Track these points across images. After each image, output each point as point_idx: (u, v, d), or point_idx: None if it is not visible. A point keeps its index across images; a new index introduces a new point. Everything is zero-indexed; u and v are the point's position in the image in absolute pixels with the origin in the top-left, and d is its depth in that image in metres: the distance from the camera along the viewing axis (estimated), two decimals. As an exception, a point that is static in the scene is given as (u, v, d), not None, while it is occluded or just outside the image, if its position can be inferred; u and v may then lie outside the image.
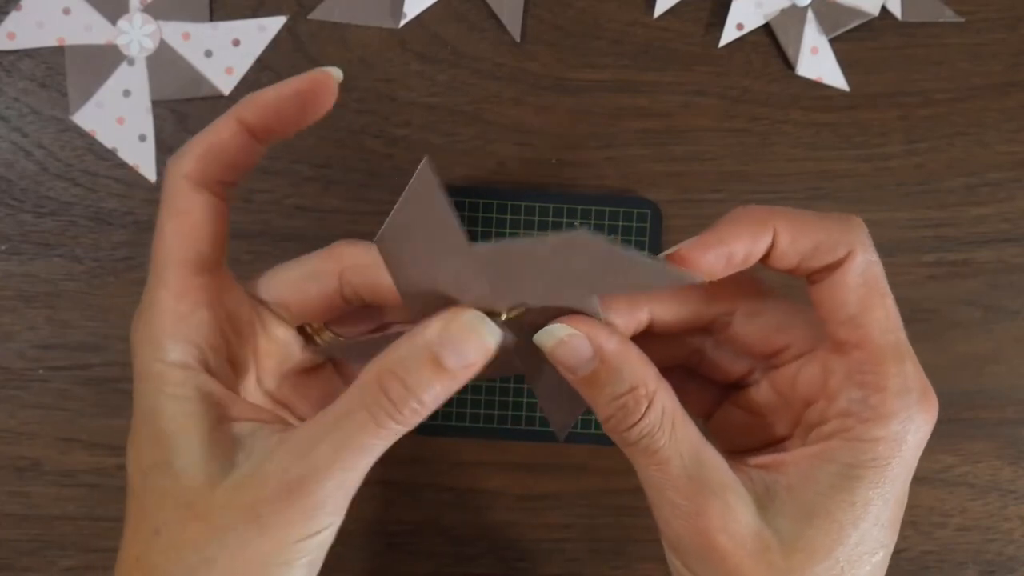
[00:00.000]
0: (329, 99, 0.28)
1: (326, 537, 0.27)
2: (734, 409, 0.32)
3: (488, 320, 0.27)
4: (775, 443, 0.30)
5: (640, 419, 0.26)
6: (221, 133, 0.28)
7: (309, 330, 0.32)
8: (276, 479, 0.26)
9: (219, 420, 0.27)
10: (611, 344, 0.27)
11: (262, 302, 0.31)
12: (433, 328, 0.26)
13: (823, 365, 0.28)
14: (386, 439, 0.26)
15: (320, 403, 0.31)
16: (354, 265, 0.30)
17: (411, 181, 0.25)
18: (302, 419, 0.32)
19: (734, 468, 0.27)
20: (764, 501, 0.26)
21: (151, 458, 0.27)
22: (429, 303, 0.27)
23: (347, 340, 0.32)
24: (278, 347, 0.31)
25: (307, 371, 0.33)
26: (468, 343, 0.26)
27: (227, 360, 0.29)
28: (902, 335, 0.27)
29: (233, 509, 0.26)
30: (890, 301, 0.28)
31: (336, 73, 0.28)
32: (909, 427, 0.26)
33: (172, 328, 0.28)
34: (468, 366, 0.26)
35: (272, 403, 0.32)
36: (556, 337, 0.27)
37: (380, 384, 0.26)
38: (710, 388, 0.33)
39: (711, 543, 0.26)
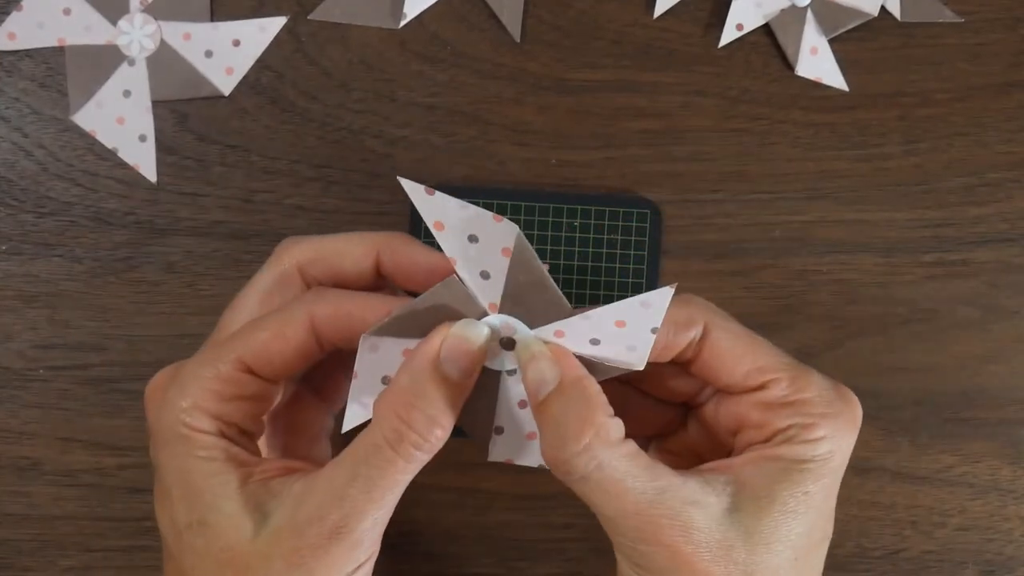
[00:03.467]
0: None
1: (367, 570, 0.28)
2: (683, 432, 0.34)
3: (474, 322, 0.28)
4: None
5: (587, 450, 0.27)
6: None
7: None
8: (315, 526, 0.26)
9: (248, 477, 0.28)
10: (575, 371, 0.28)
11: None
12: (432, 345, 0.27)
13: (735, 404, 0.31)
14: (413, 471, 0.27)
15: (303, 429, 0.33)
16: (327, 316, 0.29)
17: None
18: (296, 452, 0.34)
19: (689, 475, 0.28)
20: (723, 500, 0.28)
21: (186, 517, 0.27)
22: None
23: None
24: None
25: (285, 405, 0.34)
26: (465, 351, 0.27)
27: (248, 432, 0.30)
28: (790, 358, 0.30)
29: (275, 559, 0.26)
30: (762, 340, 0.30)
31: None
32: (842, 425, 0.29)
33: (207, 404, 0.28)
34: (470, 373, 0.27)
35: (272, 447, 0.33)
36: (531, 351, 0.28)
37: (400, 417, 0.27)
38: (658, 408, 0.34)
39: (678, 556, 0.27)
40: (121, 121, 0.43)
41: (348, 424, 0.29)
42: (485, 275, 0.28)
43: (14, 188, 0.43)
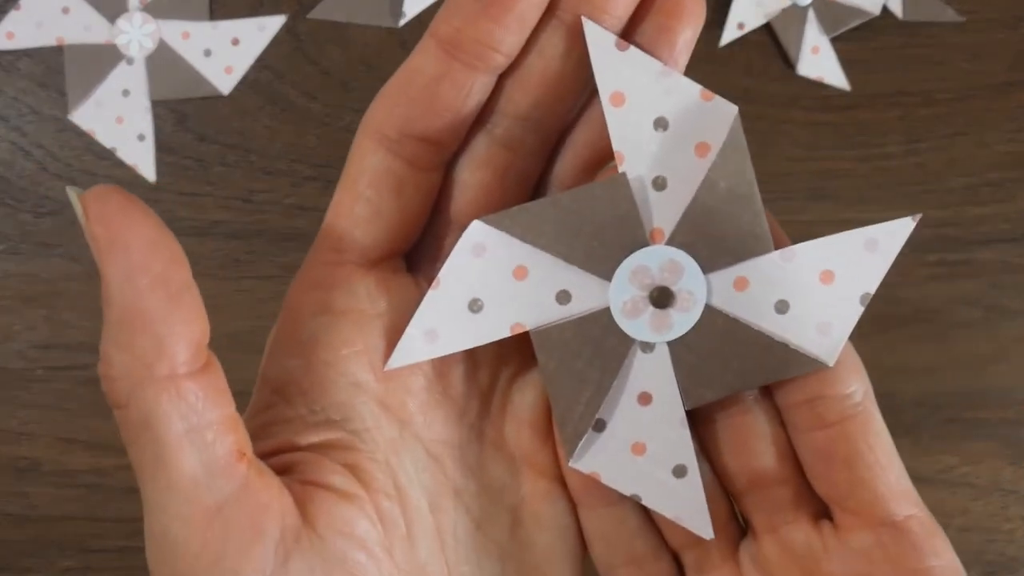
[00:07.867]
0: None
1: None
2: None
3: None
4: None
5: None
6: None
7: None
8: None
9: None
10: None
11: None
12: None
13: None
14: None
15: None
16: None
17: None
18: None
19: None
20: None
21: None
22: None
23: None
24: None
25: None
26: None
27: None
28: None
29: None
30: None
31: None
32: None
33: None
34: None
35: None
36: None
37: None
38: None
39: None
40: (120, 120, 0.43)
41: (394, 362, 0.20)
42: (660, 184, 0.20)
43: (13, 188, 0.43)
